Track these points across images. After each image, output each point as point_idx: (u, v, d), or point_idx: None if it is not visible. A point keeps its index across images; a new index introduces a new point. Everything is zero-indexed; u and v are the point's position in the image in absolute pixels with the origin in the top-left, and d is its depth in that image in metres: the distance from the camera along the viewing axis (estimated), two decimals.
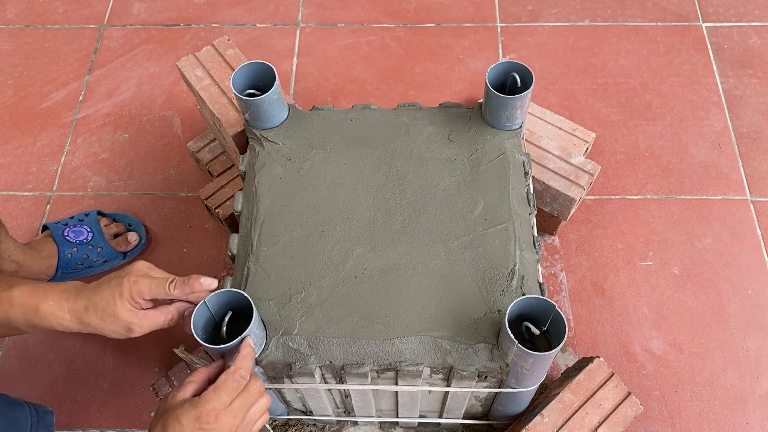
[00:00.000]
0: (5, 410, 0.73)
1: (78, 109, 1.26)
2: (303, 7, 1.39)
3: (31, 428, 0.76)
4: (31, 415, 0.77)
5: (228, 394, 0.59)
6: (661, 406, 0.95)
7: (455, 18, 1.36)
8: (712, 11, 1.35)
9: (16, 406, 0.76)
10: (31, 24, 1.39)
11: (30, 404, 0.78)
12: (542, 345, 0.66)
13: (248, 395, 0.60)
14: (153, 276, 0.66)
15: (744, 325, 1.01)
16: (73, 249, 1.01)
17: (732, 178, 1.15)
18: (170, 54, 1.33)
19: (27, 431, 0.75)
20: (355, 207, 0.77)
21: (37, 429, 0.77)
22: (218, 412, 0.57)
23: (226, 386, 0.59)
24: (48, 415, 0.80)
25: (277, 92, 0.79)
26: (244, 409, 0.60)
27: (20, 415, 0.75)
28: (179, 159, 1.20)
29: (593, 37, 1.33)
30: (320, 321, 0.69)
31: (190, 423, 0.56)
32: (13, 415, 0.74)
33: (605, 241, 1.09)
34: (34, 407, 0.78)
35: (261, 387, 0.62)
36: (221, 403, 0.58)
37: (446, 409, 0.82)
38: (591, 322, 1.02)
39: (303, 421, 0.93)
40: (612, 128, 1.21)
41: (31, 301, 0.64)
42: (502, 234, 0.73)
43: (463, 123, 0.83)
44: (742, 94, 1.24)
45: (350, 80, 1.28)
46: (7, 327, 0.65)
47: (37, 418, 0.77)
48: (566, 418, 0.80)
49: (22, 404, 0.77)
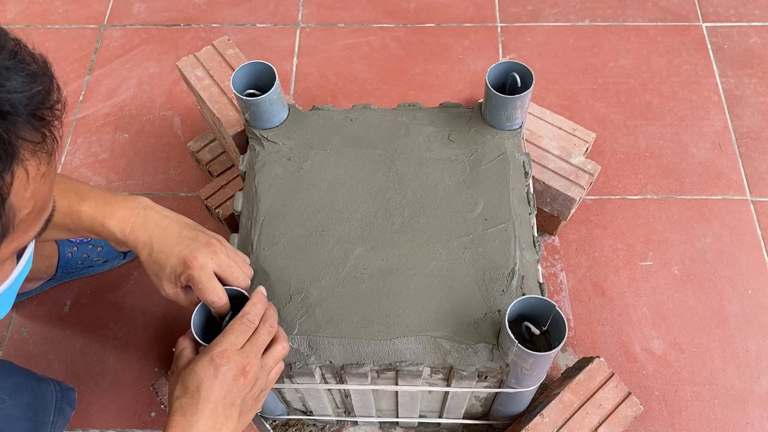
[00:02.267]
0: (33, 384, 0.76)
1: (78, 109, 1.26)
2: (303, 7, 1.39)
3: (56, 402, 0.79)
4: (55, 390, 0.80)
5: (237, 336, 0.59)
6: (661, 406, 0.95)
7: (455, 18, 1.36)
8: (712, 11, 1.35)
9: (42, 382, 0.79)
10: (31, 24, 1.39)
11: (54, 380, 0.82)
12: (542, 345, 0.66)
13: (258, 337, 0.61)
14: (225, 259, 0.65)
15: (744, 325, 1.01)
16: (74, 248, 1.01)
17: (732, 178, 1.15)
18: (170, 54, 1.33)
19: (52, 404, 0.78)
20: (355, 207, 0.77)
21: (61, 404, 0.80)
22: (230, 353, 0.58)
23: (233, 329, 0.60)
24: (71, 391, 0.84)
25: (277, 92, 0.79)
26: (255, 350, 0.60)
27: (46, 389, 0.79)
28: (179, 159, 1.20)
29: (593, 37, 1.33)
30: (320, 321, 0.69)
31: (203, 368, 0.57)
32: (40, 389, 0.77)
33: (605, 241, 1.09)
34: (58, 383, 0.83)
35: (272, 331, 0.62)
36: (231, 344, 0.58)
37: (446, 409, 0.82)
38: (591, 322, 1.02)
39: (303, 421, 0.93)
40: (612, 128, 1.21)
41: (98, 216, 0.65)
42: (502, 234, 0.73)
43: (463, 123, 0.83)
44: (742, 94, 1.24)
45: (350, 80, 1.28)
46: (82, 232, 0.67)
47: (61, 394, 0.81)
48: (566, 418, 0.80)
49: (47, 380, 0.81)
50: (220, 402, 0.57)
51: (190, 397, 0.56)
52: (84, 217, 0.65)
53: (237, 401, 0.58)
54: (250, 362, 0.59)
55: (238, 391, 0.58)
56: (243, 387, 0.58)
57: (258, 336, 0.61)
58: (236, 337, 0.59)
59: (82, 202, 0.65)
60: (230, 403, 0.57)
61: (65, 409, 0.82)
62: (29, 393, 0.75)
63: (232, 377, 0.57)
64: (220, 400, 0.57)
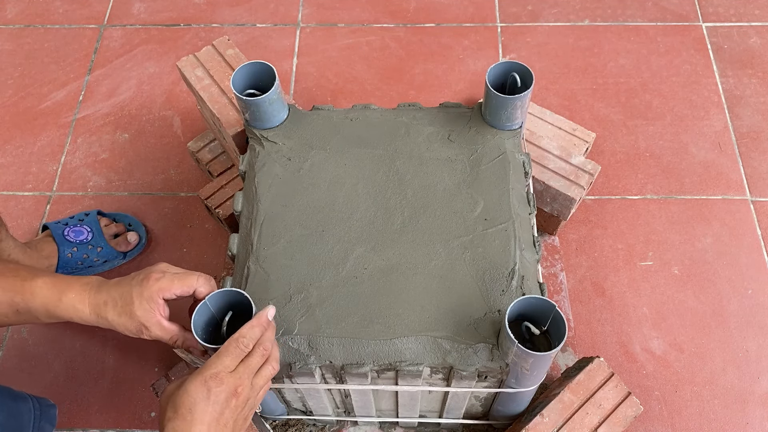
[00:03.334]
0: (9, 402, 0.74)
1: (78, 109, 1.26)
2: (303, 7, 1.39)
3: (34, 421, 0.77)
4: (34, 408, 0.78)
5: (231, 358, 0.60)
6: (661, 406, 0.95)
7: (455, 18, 1.36)
8: (712, 11, 1.35)
9: (20, 399, 0.77)
10: (31, 24, 1.39)
11: (33, 397, 0.80)
12: (542, 345, 0.66)
13: (251, 359, 0.61)
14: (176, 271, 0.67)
15: (744, 325, 1.01)
16: (73, 249, 1.01)
17: (732, 178, 1.15)
18: (170, 54, 1.33)
19: (30, 424, 0.76)
20: (355, 207, 0.77)
21: (40, 422, 0.78)
22: (222, 375, 0.58)
23: (228, 351, 0.60)
24: (51, 408, 0.82)
25: (277, 92, 0.79)
26: (248, 373, 0.60)
27: (23, 407, 0.77)
28: (179, 159, 1.20)
29: (593, 37, 1.33)
30: (320, 321, 0.69)
31: (196, 389, 0.57)
32: (16, 408, 0.75)
33: (605, 241, 1.09)
34: (38, 400, 0.80)
35: (265, 354, 0.63)
36: (224, 366, 0.59)
37: (446, 409, 0.82)
38: (591, 322, 1.02)
39: (303, 421, 0.93)
40: (612, 128, 1.21)
41: (53, 292, 0.66)
42: (502, 234, 0.73)
43: (463, 123, 0.83)
44: (742, 94, 1.24)
45: (350, 80, 1.28)
46: (28, 315, 0.67)
47: (40, 411, 0.79)
48: (566, 418, 0.80)
49: (25, 397, 0.79)
50: (213, 423, 0.57)
51: (182, 420, 0.57)
52: (38, 293, 0.66)
53: (230, 423, 0.59)
54: (243, 384, 0.59)
55: (230, 413, 0.59)
56: (235, 408, 0.59)
57: (251, 359, 0.61)
58: (230, 360, 0.60)
59: (35, 278, 0.66)
60: (223, 425, 0.58)
61: (44, 427, 0.80)
62: (3, 412, 0.73)
63: (224, 399, 0.58)
64: (213, 421, 0.57)
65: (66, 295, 0.66)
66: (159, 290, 0.64)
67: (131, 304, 0.64)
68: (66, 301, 0.65)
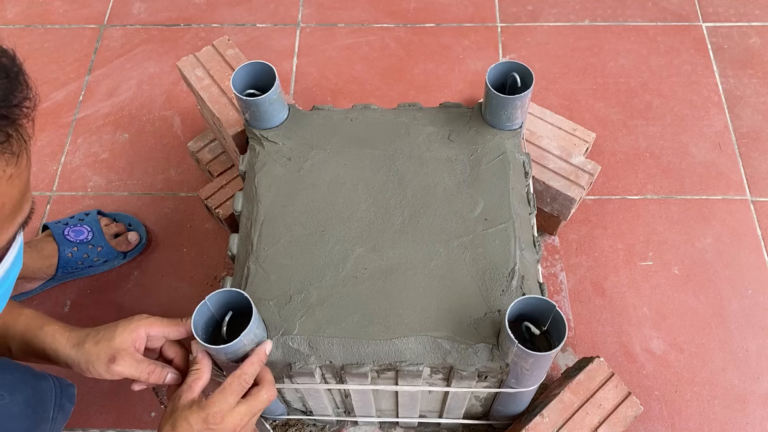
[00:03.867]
0: (31, 381, 0.76)
1: (78, 109, 1.26)
2: (303, 7, 1.39)
3: (56, 398, 0.80)
4: (54, 386, 0.81)
5: (234, 396, 0.62)
6: (661, 406, 0.95)
7: (455, 18, 1.36)
8: (712, 11, 1.35)
9: (41, 378, 0.80)
10: (31, 24, 1.39)
11: (53, 376, 0.82)
12: (542, 345, 0.66)
13: (255, 401, 0.64)
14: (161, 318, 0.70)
15: (744, 325, 1.01)
16: (74, 248, 1.01)
17: (732, 178, 1.15)
18: (170, 54, 1.33)
19: (52, 400, 0.79)
20: (355, 207, 0.77)
21: (61, 399, 0.81)
22: (224, 413, 0.61)
23: (231, 389, 0.62)
24: (70, 387, 0.84)
25: (277, 92, 0.79)
26: (250, 413, 0.63)
27: (45, 385, 0.79)
28: (179, 159, 1.20)
29: (593, 37, 1.33)
30: (320, 321, 0.69)
31: (198, 423, 0.60)
32: (39, 385, 0.78)
33: (605, 241, 1.09)
34: (57, 379, 0.83)
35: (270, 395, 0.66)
36: (228, 404, 0.61)
37: (446, 409, 0.82)
38: (591, 322, 1.02)
39: (303, 421, 0.93)
40: (612, 128, 1.21)
41: (37, 322, 0.69)
42: (502, 234, 0.73)
43: (463, 123, 0.83)
44: (742, 94, 1.24)
45: (350, 80, 1.28)
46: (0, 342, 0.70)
47: (60, 390, 0.81)
48: (566, 418, 0.80)
49: (46, 376, 0.81)
50: None
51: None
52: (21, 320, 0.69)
53: None
54: (242, 423, 0.62)
55: None
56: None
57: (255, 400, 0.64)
58: (233, 397, 0.62)
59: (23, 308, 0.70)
60: None
61: (65, 405, 0.83)
62: (28, 389, 0.75)
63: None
64: None
65: (49, 326, 0.69)
66: (148, 324, 0.68)
67: (112, 334, 0.67)
68: (47, 329, 0.69)
